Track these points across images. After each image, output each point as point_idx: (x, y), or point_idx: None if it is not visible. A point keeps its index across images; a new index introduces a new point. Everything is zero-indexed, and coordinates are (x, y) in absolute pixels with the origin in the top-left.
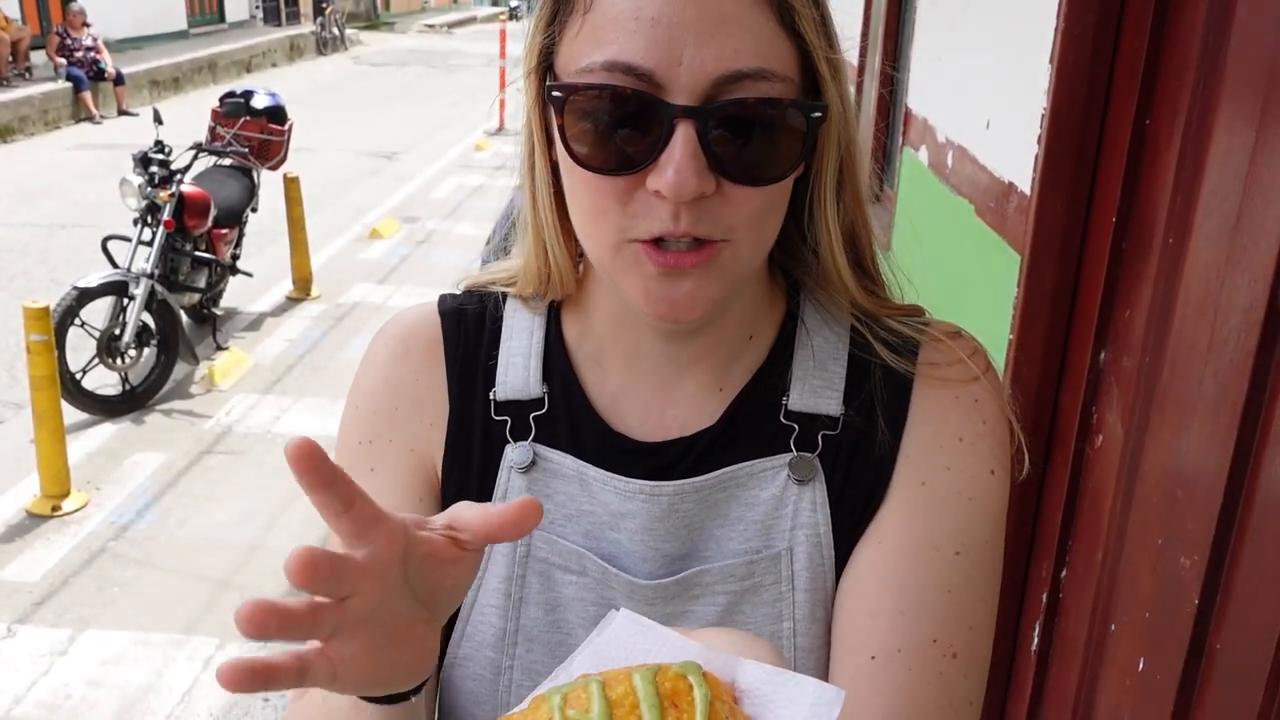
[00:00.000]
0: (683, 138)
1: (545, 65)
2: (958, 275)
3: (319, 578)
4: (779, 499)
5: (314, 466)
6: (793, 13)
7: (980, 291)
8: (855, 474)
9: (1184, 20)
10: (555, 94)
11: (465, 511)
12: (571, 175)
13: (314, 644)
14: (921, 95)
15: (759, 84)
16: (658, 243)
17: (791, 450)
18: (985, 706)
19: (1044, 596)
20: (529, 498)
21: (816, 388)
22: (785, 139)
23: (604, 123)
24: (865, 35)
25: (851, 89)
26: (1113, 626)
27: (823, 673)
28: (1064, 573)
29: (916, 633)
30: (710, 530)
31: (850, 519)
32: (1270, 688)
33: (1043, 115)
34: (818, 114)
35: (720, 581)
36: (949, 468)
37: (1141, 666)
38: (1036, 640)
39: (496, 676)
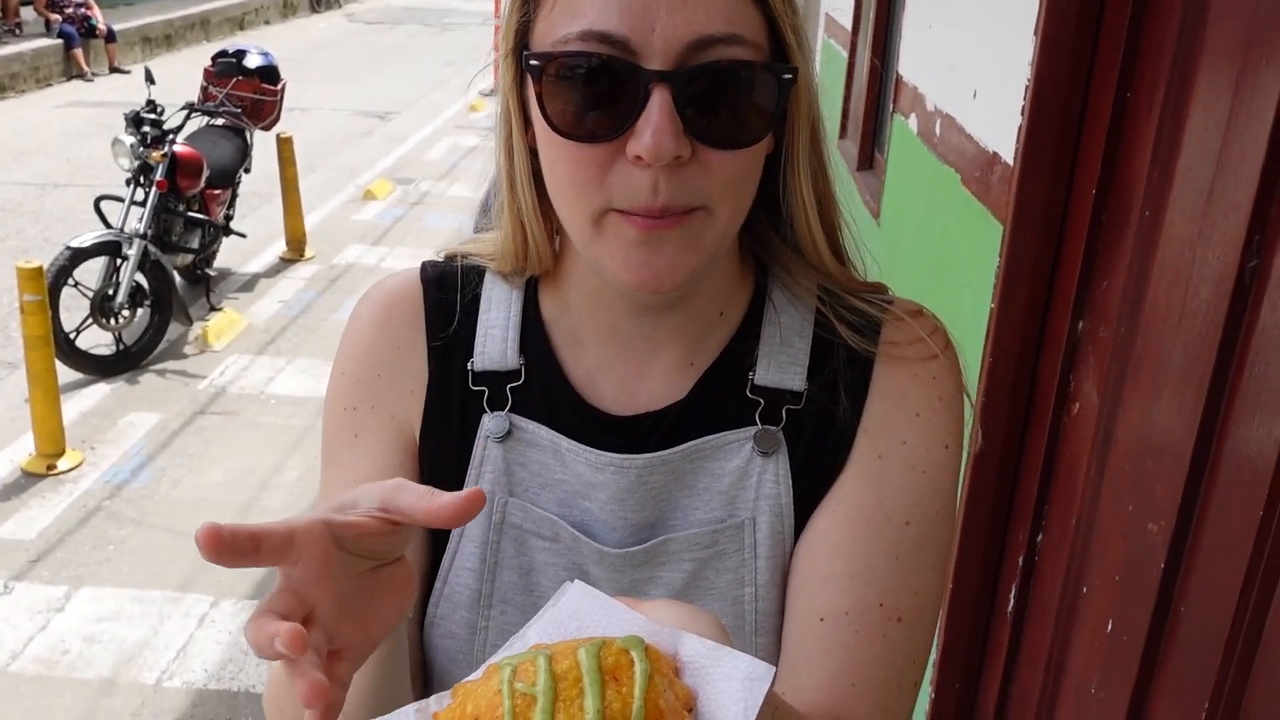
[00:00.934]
0: (659, 101)
1: (522, 45)
2: (944, 244)
3: (225, 550)
4: (743, 470)
5: (225, 547)
6: None
7: (964, 260)
8: (817, 447)
9: None
10: (533, 63)
11: (404, 496)
12: (551, 149)
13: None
14: (912, 63)
15: (730, 48)
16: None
17: (757, 424)
18: (964, 664)
19: (1020, 560)
20: (475, 489)
21: (782, 364)
22: (758, 101)
23: (581, 91)
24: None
25: (815, 64)
26: (1084, 589)
27: (780, 633)
28: (1040, 537)
29: (864, 597)
30: (677, 500)
31: (811, 490)
32: (1229, 649)
33: (1027, 87)
34: (788, 75)
35: (686, 549)
36: (905, 442)
37: (1110, 628)
38: (1013, 602)
39: (472, 636)
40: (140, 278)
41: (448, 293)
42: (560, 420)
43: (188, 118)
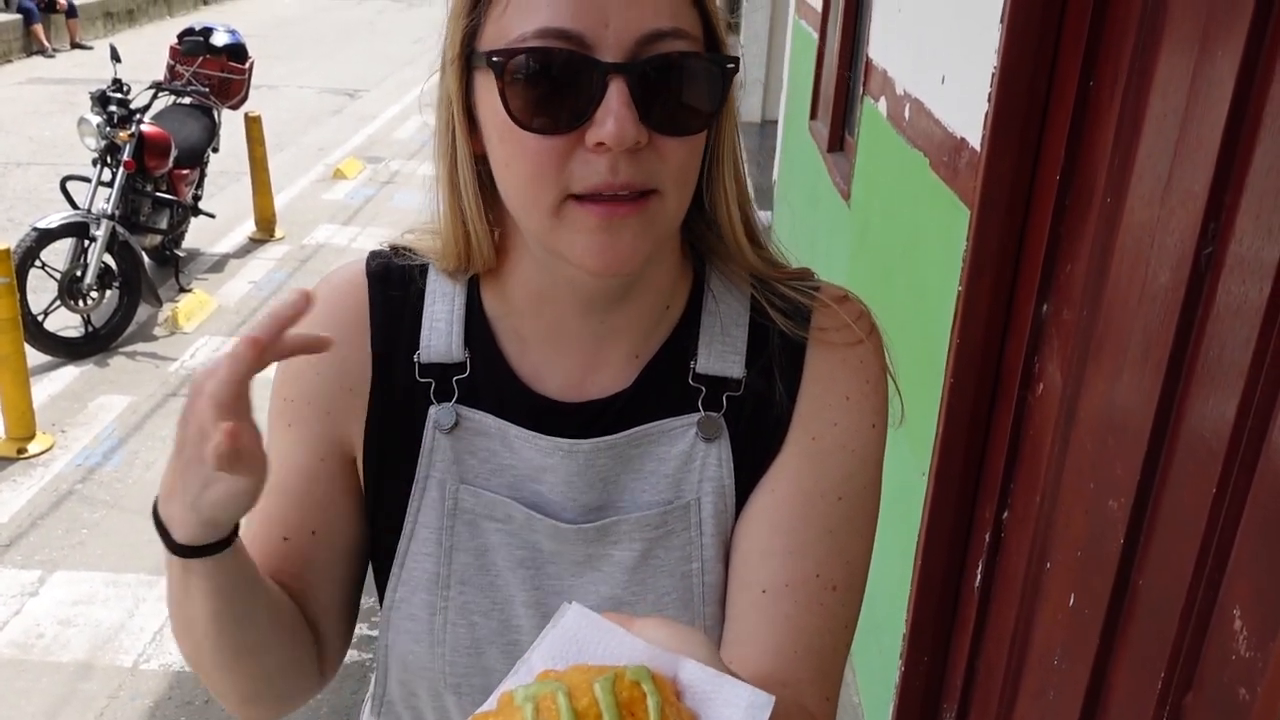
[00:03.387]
0: (616, 91)
1: (469, 50)
2: (912, 227)
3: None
4: (688, 455)
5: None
6: None
7: (932, 244)
8: (756, 430)
9: None
10: (495, 59)
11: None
12: (508, 145)
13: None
14: (882, 46)
15: (676, 41)
16: (594, 197)
17: (699, 410)
18: (932, 639)
19: (987, 537)
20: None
21: (721, 352)
22: (704, 90)
23: (542, 85)
24: None
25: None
26: (1048, 565)
27: (724, 604)
28: (1006, 514)
29: (802, 569)
30: (625, 483)
31: (751, 471)
32: (1183, 621)
33: (993, 74)
34: (731, 65)
35: (637, 529)
36: (836, 423)
37: (1073, 602)
38: (979, 578)
39: (431, 616)
40: (108, 259)
41: (392, 287)
42: (508, 409)
43: (155, 97)
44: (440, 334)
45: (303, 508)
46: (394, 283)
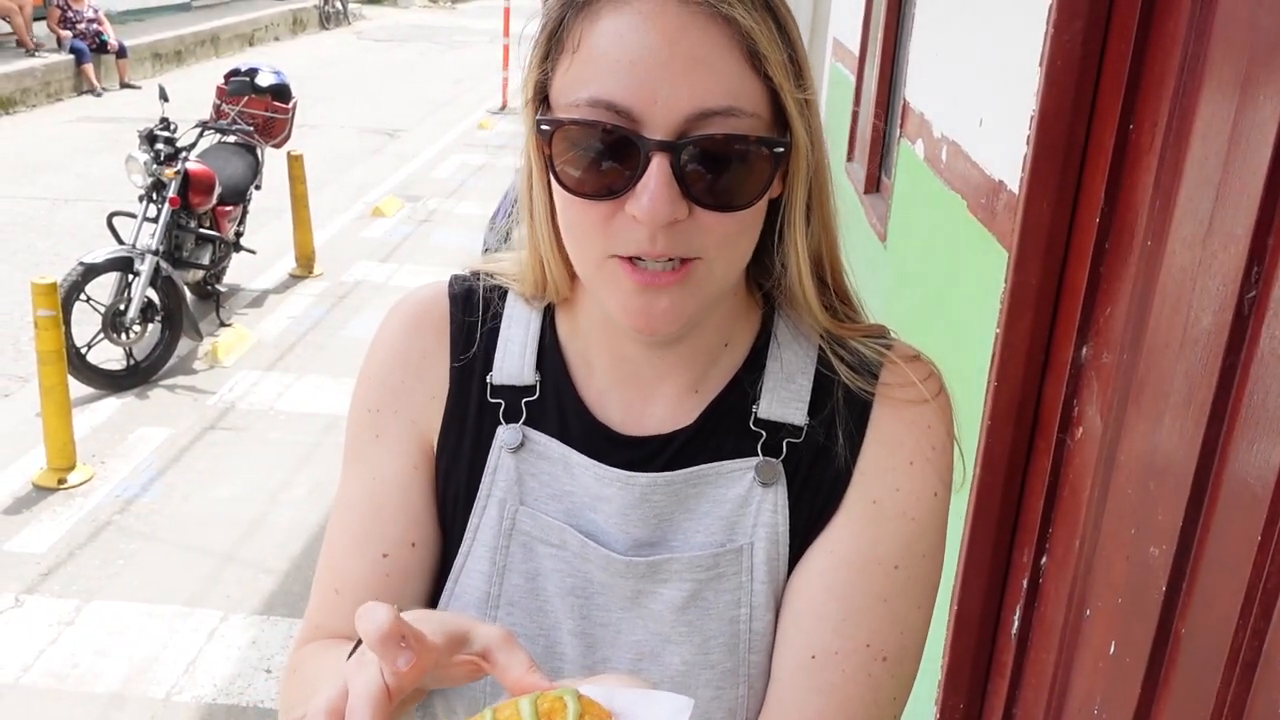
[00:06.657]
0: (657, 168)
1: (542, 96)
2: (949, 269)
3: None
4: (744, 498)
5: (394, 635)
6: (761, 57)
7: (970, 286)
8: (814, 481)
9: (1166, 30)
10: (544, 127)
11: (511, 658)
12: (560, 198)
13: None
14: (919, 89)
15: (728, 120)
16: (635, 260)
17: (758, 455)
18: (968, 685)
19: (1025, 582)
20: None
21: (784, 399)
22: (751, 170)
23: (588, 153)
24: (867, 23)
25: (824, 118)
26: (1088, 611)
27: (769, 651)
28: (1044, 559)
29: (853, 638)
30: (679, 522)
31: (806, 521)
32: (1228, 671)
33: (1031, 117)
34: (780, 149)
35: (688, 569)
36: (899, 489)
37: (1113, 650)
38: (1017, 623)
39: None
40: (152, 293)
41: (472, 309)
42: (571, 435)
43: (200, 135)
44: (514, 357)
45: (402, 520)
46: (472, 306)
